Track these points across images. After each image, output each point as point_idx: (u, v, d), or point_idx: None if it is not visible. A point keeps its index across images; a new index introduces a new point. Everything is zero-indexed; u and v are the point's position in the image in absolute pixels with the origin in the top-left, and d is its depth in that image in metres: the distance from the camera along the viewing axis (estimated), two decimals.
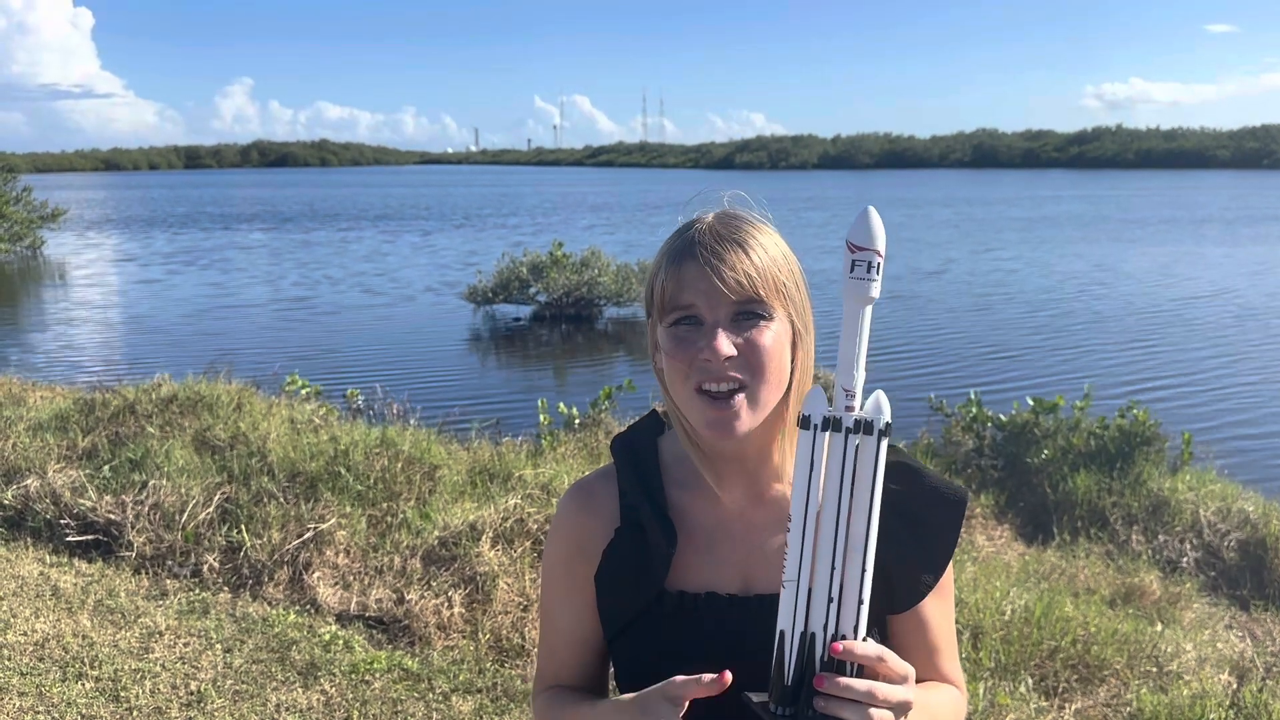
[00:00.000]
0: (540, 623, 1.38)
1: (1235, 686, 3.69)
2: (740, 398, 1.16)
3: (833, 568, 1.06)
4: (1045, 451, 6.71)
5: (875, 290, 1.05)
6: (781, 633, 1.06)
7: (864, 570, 1.06)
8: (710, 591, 1.24)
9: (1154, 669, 3.97)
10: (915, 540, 1.24)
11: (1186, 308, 16.35)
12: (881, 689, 1.04)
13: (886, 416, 1.07)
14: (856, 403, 1.07)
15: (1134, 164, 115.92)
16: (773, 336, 1.17)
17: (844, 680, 1.03)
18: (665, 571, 1.24)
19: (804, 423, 1.07)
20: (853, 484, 1.07)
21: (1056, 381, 10.67)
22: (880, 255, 1.05)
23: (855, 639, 1.06)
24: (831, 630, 1.06)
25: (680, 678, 1.08)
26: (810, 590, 1.06)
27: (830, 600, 1.06)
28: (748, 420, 1.17)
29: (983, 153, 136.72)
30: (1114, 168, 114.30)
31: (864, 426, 1.06)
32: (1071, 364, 12.08)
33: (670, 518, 1.26)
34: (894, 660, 1.07)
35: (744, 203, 1.26)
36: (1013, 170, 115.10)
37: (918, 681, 1.28)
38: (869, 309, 1.06)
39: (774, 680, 1.06)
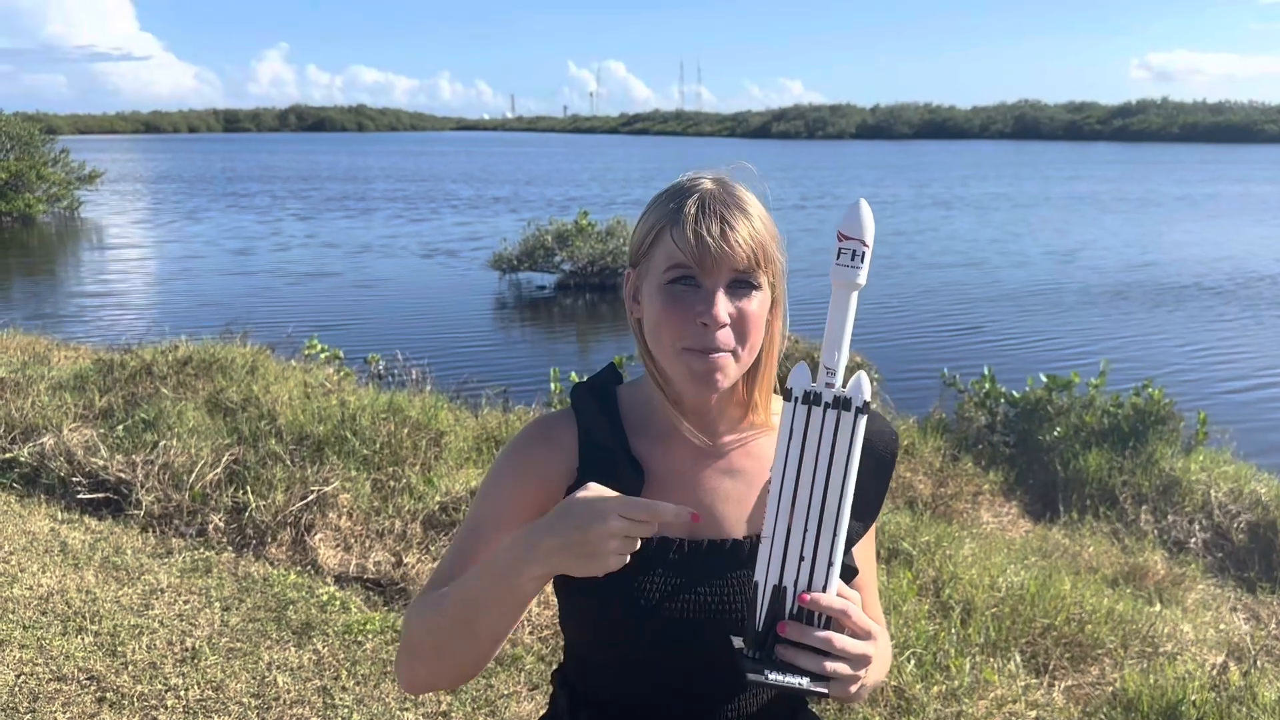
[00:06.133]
0: (463, 534, 1.33)
1: (1219, 668, 3.66)
2: (726, 356, 1.23)
3: (805, 529, 1.13)
4: (1058, 429, 6.64)
5: (861, 277, 1.11)
6: (756, 584, 1.13)
7: (835, 535, 1.13)
8: (663, 536, 1.28)
9: (1149, 649, 3.94)
10: None
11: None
12: (839, 640, 1.11)
13: (865, 396, 1.13)
14: (838, 380, 1.13)
15: (1179, 137, 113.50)
16: (759, 305, 1.25)
17: (804, 628, 1.11)
18: None
19: (786, 395, 1.14)
20: (830, 455, 1.13)
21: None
22: (866, 245, 1.11)
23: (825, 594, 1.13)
24: (802, 585, 1.13)
25: (631, 499, 1.12)
26: (786, 547, 1.13)
27: (802, 559, 1.13)
28: (728, 378, 1.25)
29: (1025, 124, 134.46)
30: (1159, 141, 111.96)
31: (842, 403, 1.12)
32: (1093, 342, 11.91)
33: (636, 457, 1.32)
34: (858, 616, 1.13)
35: (746, 174, 1.31)
36: (1055, 142, 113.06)
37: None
38: (854, 294, 1.13)
39: (746, 626, 1.14)
